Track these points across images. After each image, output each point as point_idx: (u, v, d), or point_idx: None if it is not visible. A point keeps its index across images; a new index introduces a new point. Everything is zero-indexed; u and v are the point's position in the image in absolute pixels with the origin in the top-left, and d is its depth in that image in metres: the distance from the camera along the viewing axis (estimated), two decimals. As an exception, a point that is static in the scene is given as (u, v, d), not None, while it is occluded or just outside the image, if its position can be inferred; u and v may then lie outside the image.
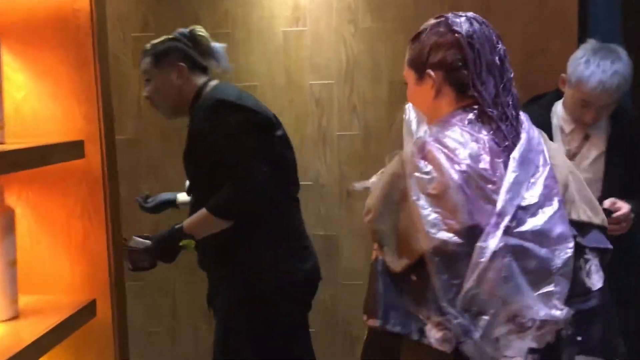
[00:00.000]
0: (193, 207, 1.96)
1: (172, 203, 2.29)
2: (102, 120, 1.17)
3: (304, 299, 2.04)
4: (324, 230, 3.02)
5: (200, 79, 2.02)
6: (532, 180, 1.13)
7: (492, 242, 1.07)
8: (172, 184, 2.82)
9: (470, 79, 1.20)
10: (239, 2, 3.07)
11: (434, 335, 1.09)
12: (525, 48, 2.76)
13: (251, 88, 3.05)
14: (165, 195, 2.32)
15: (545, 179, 1.13)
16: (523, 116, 1.24)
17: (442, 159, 1.11)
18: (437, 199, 1.09)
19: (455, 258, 1.09)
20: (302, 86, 3.05)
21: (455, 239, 1.09)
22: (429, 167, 1.12)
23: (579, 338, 1.14)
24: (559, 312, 1.09)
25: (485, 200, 1.10)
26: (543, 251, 1.09)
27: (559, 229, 1.11)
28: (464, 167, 1.10)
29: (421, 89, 1.27)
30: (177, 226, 1.91)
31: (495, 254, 1.06)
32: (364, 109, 3.03)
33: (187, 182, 2.07)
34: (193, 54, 2.00)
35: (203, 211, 1.84)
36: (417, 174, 1.12)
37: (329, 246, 3.02)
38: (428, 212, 1.08)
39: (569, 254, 1.10)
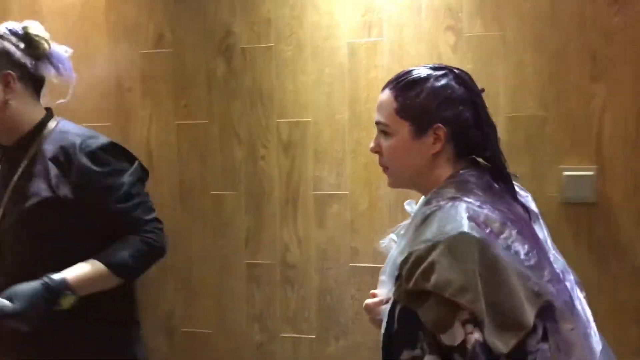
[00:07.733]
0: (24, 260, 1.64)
1: None
2: None
3: None
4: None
5: (36, 105, 1.68)
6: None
7: (577, 303, 1.18)
8: None
9: (482, 140, 1.23)
10: (286, 2, 2.17)
11: None
12: None
13: (302, 125, 2.13)
14: None
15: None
16: None
17: (512, 225, 1.14)
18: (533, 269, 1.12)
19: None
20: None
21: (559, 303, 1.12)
22: (513, 237, 1.12)
23: None
24: None
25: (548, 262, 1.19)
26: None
27: None
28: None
29: (417, 145, 1.24)
30: (55, 277, 1.53)
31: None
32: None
33: None
34: (25, 60, 1.62)
35: (96, 267, 1.60)
36: (501, 243, 1.11)
37: None
38: (532, 284, 1.10)
39: None
